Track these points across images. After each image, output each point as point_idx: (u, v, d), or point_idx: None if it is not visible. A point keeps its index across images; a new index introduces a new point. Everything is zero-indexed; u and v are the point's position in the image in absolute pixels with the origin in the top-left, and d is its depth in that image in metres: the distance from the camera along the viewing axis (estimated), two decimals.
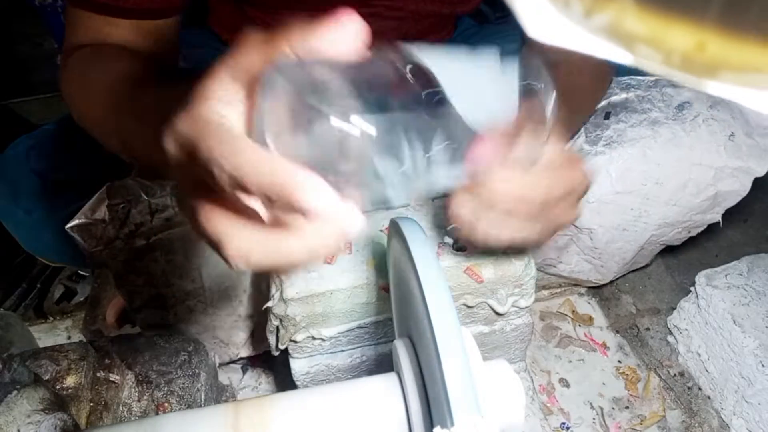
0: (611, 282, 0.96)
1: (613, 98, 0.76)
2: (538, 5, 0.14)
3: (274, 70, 0.25)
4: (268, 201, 0.25)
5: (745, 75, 0.13)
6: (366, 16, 0.27)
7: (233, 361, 0.91)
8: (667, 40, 0.14)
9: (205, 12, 0.87)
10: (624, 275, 0.96)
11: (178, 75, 0.50)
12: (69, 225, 0.62)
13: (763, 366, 0.71)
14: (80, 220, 0.63)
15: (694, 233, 0.84)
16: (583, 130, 0.74)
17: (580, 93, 0.62)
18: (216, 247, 0.27)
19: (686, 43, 0.13)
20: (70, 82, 0.58)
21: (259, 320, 0.83)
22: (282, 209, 0.25)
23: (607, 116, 0.74)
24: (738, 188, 0.75)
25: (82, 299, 1.04)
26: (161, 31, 0.63)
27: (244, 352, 0.87)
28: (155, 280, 0.72)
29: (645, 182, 0.73)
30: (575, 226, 0.79)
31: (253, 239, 0.27)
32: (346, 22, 0.26)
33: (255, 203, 0.26)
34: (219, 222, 0.27)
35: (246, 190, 0.25)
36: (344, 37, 0.26)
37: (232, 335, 0.84)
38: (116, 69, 0.54)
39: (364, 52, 0.27)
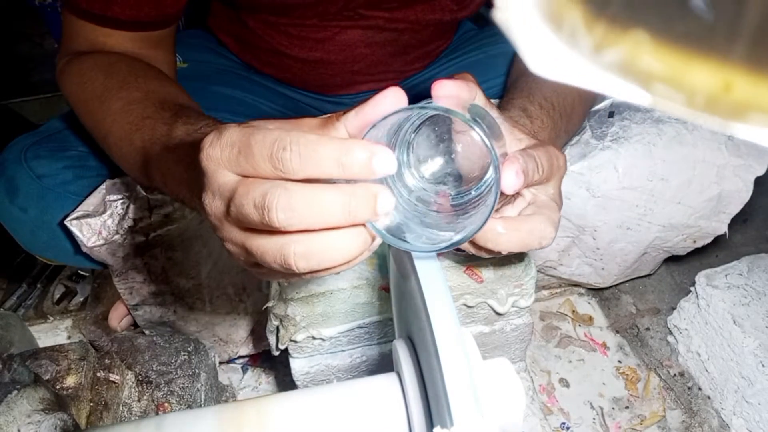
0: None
1: (616, 99, 0.76)
2: (541, 38, 0.13)
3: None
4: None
5: None
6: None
7: (233, 360, 0.91)
8: (689, 80, 0.12)
9: (204, 14, 0.87)
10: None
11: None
12: (68, 219, 0.62)
13: (763, 366, 0.71)
14: (79, 214, 0.63)
15: (700, 244, 0.83)
16: (588, 126, 0.74)
17: (574, 107, 0.63)
18: (261, 210, 0.30)
19: (711, 84, 0.12)
20: (80, 88, 0.59)
21: (259, 319, 0.83)
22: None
23: (611, 115, 0.75)
24: (741, 188, 0.75)
25: (82, 299, 1.04)
26: (157, 39, 0.64)
27: (244, 350, 0.87)
28: (154, 277, 0.72)
29: (650, 178, 0.73)
30: (579, 225, 0.79)
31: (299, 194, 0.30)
32: (390, 95, 0.31)
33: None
34: (261, 185, 0.30)
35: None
36: (389, 106, 0.31)
37: (231, 333, 0.84)
38: (144, 87, 0.56)
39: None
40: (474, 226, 0.34)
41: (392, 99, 0.31)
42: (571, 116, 0.62)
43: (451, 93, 0.36)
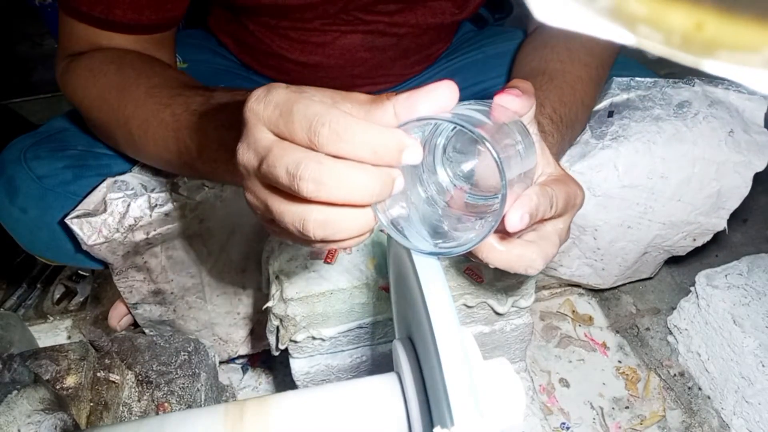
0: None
1: (615, 98, 0.76)
2: None
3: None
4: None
5: (741, 53, 0.14)
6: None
7: (233, 360, 0.91)
8: (668, 21, 0.14)
9: (204, 14, 0.87)
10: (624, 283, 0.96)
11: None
12: (69, 217, 0.62)
13: (763, 366, 0.71)
14: (79, 212, 0.63)
15: (699, 242, 0.83)
16: (588, 126, 0.74)
17: (579, 108, 0.64)
18: (292, 177, 0.31)
19: (685, 24, 0.14)
20: (91, 83, 0.59)
21: (258, 318, 0.83)
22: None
23: (610, 114, 0.75)
24: (740, 184, 0.75)
25: (82, 299, 1.04)
26: (158, 41, 0.64)
27: (243, 349, 0.87)
28: (154, 276, 0.72)
29: (650, 176, 0.73)
30: (579, 225, 0.79)
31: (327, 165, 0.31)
32: (444, 87, 0.32)
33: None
34: (295, 151, 0.32)
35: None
36: (440, 97, 0.32)
37: (231, 332, 0.84)
38: (162, 74, 0.57)
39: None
40: (468, 243, 0.35)
41: (444, 91, 0.33)
42: (574, 126, 0.64)
43: (511, 107, 0.39)
